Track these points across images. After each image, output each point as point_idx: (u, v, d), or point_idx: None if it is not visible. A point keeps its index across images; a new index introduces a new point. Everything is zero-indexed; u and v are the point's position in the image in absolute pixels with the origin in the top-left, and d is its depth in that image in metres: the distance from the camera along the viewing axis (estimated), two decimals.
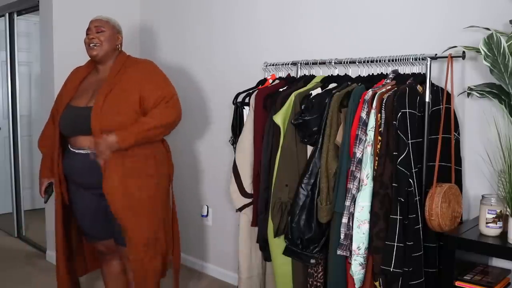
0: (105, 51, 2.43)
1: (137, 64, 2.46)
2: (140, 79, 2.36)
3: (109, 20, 2.49)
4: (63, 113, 2.40)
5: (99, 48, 2.42)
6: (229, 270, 3.30)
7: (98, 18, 2.48)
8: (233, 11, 3.15)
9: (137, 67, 2.43)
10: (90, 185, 2.36)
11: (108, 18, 2.49)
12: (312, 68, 2.65)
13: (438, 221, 1.91)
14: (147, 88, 2.34)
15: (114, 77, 2.38)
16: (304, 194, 2.18)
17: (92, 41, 2.42)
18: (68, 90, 2.49)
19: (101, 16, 2.51)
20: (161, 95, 2.35)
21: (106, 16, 2.51)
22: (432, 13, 2.24)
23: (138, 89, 2.33)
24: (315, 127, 2.20)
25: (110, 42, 2.44)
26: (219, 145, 3.27)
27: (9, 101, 4.28)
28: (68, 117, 2.38)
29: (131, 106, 2.31)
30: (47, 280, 3.35)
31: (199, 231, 3.49)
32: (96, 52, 2.42)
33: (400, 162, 1.92)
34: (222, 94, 3.22)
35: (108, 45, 2.43)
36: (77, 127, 2.34)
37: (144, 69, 2.44)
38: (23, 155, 4.39)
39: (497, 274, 1.93)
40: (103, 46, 2.42)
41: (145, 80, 2.37)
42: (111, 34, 2.45)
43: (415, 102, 2.00)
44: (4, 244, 4.12)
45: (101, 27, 2.43)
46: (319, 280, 2.26)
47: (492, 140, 2.03)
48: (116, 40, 2.48)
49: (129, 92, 2.32)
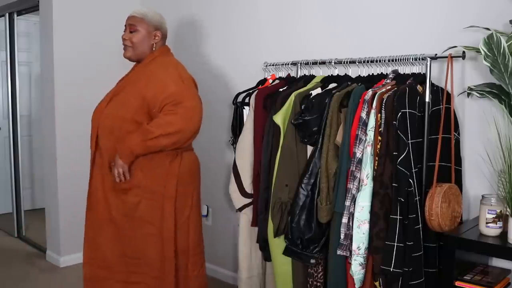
0: (137, 53, 2.29)
1: (156, 64, 2.29)
2: (149, 76, 2.22)
3: (145, 17, 2.28)
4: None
5: (131, 50, 2.28)
6: (229, 270, 3.30)
7: (133, 15, 2.29)
8: (233, 11, 3.15)
9: (153, 67, 2.27)
10: None
11: (144, 14, 2.29)
12: (312, 68, 2.65)
13: (438, 221, 1.91)
14: (151, 86, 2.18)
15: (134, 76, 2.26)
16: (304, 194, 2.18)
17: (124, 42, 2.28)
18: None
19: (138, 11, 2.31)
20: (167, 97, 2.15)
21: (142, 11, 2.31)
22: (432, 13, 2.24)
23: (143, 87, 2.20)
24: (315, 127, 2.20)
25: (144, 42, 2.28)
26: (219, 145, 3.27)
27: (9, 101, 4.28)
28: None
29: (135, 102, 2.18)
30: (47, 280, 3.35)
31: None
32: (128, 54, 2.30)
33: (400, 162, 1.92)
34: (222, 94, 3.22)
35: (141, 46, 2.27)
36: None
37: (158, 68, 2.26)
38: (23, 155, 4.39)
39: (497, 274, 1.93)
40: (135, 48, 2.28)
41: (154, 77, 2.21)
42: (146, 34, 2.28)
43: (415, 102, 2.00)
44: (4, 244, 4.12)
45: (134, 25, 2.26)
46: (319, 280, 2.26)
47: (492, 140, 2.03)
48: (152, 38, 2.29)
49: (136, 90, 2.21)
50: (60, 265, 3.57)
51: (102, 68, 3.59)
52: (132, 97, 2.21)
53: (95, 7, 3.63)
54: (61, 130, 3.50)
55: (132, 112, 2.19)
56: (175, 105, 2.15)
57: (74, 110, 3.52)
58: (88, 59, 3.61)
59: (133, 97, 2.21)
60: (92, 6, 3.61)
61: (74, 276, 3.40)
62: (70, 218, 3.56)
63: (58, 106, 3.48)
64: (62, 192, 3.53)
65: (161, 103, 2.15)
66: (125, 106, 2.22)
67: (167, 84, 2.19)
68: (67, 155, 3.53)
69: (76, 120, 3.51)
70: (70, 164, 3.54)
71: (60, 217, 3.55)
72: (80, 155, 3.48)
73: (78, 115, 3.51)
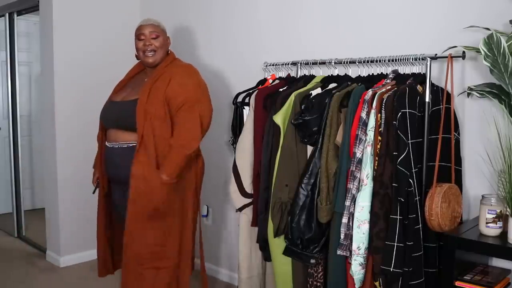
0: (160, 58, 2.44)
1: (177, 68, 2.45)
2: (169, 81, 2.35)
3: (160, 24, 2.47)
4: (104, 107, 2.50)
5: (156, 55, 2.43)
6: (229, 270, 3.30)
7: (151, 23, 2.44)
8: (233, 11, 3.15)
9: (176, 70, 2.42)
10: (118, 180, 2.43)
11: (158, 22, 2.48)
12: (312, 68, 2.65)
13: (438, 221, 1.91)
14: (175, 87, 2.33)
15: (157, 79, 2.37)
16: (304, 194, 2.18)
17: (149, 48, 2.40)
18: (116, 86, 2.57)
19: (151, 20, 2.47)
20: (182, 101, 2.31)
21: (155, 20, 2.49)
22: (432, 13, 2.24)
23: (165, 90, 2.33)
24: (315, 127, 2.20)
25: (164, 47, 2.46)
26: (219, 145, 3.27)
27: (9, 101, 4.28)
28: (105, 111, 2.49)
29: (161, 104, 2.31)
30: (47, 280, 3.35)
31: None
32: (153, 59, 2.43)
33: (400, 162, 1.92)
34: (222, 94, 3.22)
35: (163, 51, 2.45)
36: (109, 120, 2.44)
37: (177, 73, 2.41)
38: (23, 155, 4.39)
39: (497, 274, 1.93)
40: (159, 53, 2.43)
41: (174, 82, 2.35)
42: (164, 39, 2.47)
43: (415, 102, 2.00)
44: (4, 244, 4.12)
45: (155, 32, 2.41)
46: (319, 280, 2.26)
47: (492, 140, 2.03)
48: (168, 44, 2.50)
49: (160, 92, 2.33)
50: (60, 265, 3.57)
51: (102, 68, 3.60)
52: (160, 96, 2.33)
53: (95, 7, 3.63)
54: (61, 130, 3.51)
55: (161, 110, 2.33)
56: (190, 111, 2.32)
57: (74, 110, 3.52)
58: (88, 59, 3.61)
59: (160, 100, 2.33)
60: (92, 6, 3.61)
61: (74, 276, 3.40)
62: (70, 218, 3.56)
63: (58, 106, 3.48)
64: (62, 192, 3.53)
65: (179, 104, 2.31)
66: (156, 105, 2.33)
67: (188, 89, 2.36)
68: (67, 155, 3.53)
69: (76, 120, 3.52)
70: (70, 164, 3.54)
71: (60, 217, 3.55)
72: (80, 155, 3.49)
73: (78, 115, 3.52)
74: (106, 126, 2.48)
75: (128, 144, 2.35)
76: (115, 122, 2.40)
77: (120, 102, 2.44)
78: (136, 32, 2.45)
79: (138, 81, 2.52)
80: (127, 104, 2.39)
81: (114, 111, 2.44)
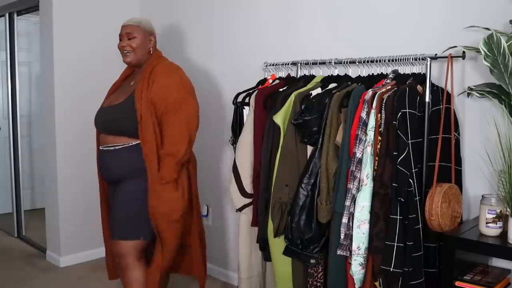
0: (137, 57, 2.48)
1: (160, 68, 2.45)
2: (152, 83, 2.37)
3: (140, 24, 2.49)
4: (97, 112, 2.54)
5: (132, 55, 2.47)
6: (229, 270, 3.30)
7: (129, 24, 2.49)
8: (233, 11, 3.15)
9: (159, 71, 2.43)
10: (110, 181, 2.49)
11: (138, 22, 2.50)
12: (312, 68, 2.65)
13: (438, 221, 1.91)
14: (158, 90, 2.35)
15: (142, 81, 2.39)
16: (304, 194, 2.18)
17: (124, 49, 2.46)
18: (109, 90, 2.62)
19: (132, 19, 2.51)
20: (167, 105, 2.33)
21: (137, 19, 2.52)
22: (432, 13, 2.24)
23: (149, 93, 2.35)
24: (315, 127, 2.20)
25: (142, 47, 2.48)
26: (219, 145, 3.27)
27: (9, 101, 4.28)
28: (96, 116, 2.52)
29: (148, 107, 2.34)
30: (47, 280, 3.35)
31: None
32: (129, 59, 2.48)
33: (400, 162, 1.92)
34: (222, 94, 3.22)
35: (140, 50, 2.47)
36: (98, 124, 2.49)
37: (160, 74, 2.42)
38: (23, 155, 4.39)
39: (497, 274, 1.93)
40: (135, 53, 2.47)
41: (156, 84, 2.37)
42: (143, 39, 2.48)
43: (415, 102, 2.00)
44: (4, 244, 4.12)
45: (132, 33, 2.46)
46: (319, 280, 2.26)
47: (492, 140, 2.02)
48: (148, 43, 2.50)
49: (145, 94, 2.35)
50: (60, 265, 3.57)
51: (102, 68, 3.59)
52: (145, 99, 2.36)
53: (95, 7, 3.63)
54: (61, 130, 3.51)
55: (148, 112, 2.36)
56: (175, 113, 2.34)
57: (74, 110, 3.52)
58: (88, 59, 3.61)
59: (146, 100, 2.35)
60: (92, 6, 3.61)
61: (74, 276, 3.40)
62: (70, 218, 3.56)
63: (58, 106, 3.48)
64: (62, 192, 3.53)
65: (164, 108, 2.34)
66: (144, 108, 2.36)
67: (171, 90, 2.37)
68: (67, 155, 3.53)
69: (76, 120, 3.52)
70: (70, 164, 3.54)
71: (60, 217, 3.55)
72: (80, 155, 3.49)
73: (78, 115, 3.52)
74: (98, 130, 2.53)
75: (115, 147, 2.38)
76: (104, 127, 2.45)
77: (106, 107, 2.49)
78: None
79: (125, 84, 2.57)
80: (112, 109, 2.44)
81: (102, 116, 2.48)
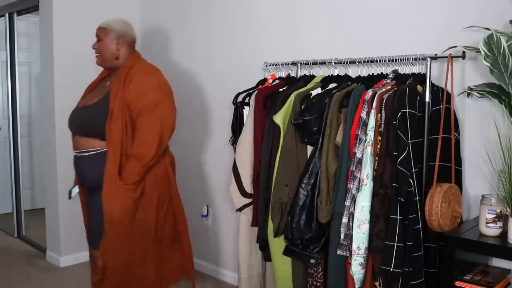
0: (104, 60, 2.46)
1: (137, 69, 2.38)
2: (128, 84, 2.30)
3: (108, 26, 2.45)
4: (71, 112, 2.48)
5: (99, 57, 2.47)
6: (229, 270, 3.30)
7: (99, 26, 2.47)
8: (233, 10, 3.15)
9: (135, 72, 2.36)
10: (86, 187, 2.42)
11: (107, 24, 2.46)
12: (312, 68, 2.65)
13: (438, 221, 1.91)
14: (133, 91, 2.28)
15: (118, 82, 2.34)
16: (304, 194, 2.18)
17: (94, 51, 2.48)
18: (85, 91, 2.58)
19: (104, 21, 2.49)
20: (141, 106, 2.26)
21: (107, 21, 2.48)
22: (432, 13, 2.24)
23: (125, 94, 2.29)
24: (315, 127, 2.20)
25: (108, 49, 2.44)
26: (219, 145, 3.27)
27: (9, 101, 4.28)
28: (71, 116, 2.47)
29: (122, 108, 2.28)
30: (47, 280, 3.35)
31: (199, 231, 3.49)
32: (98, 61, 2.49)
33: (400, 162, 1.92)
34: (222, 94, 3.22)
35: (105, 52, 2.44)
36: (73, 126, 2.43)
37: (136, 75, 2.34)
38: (23, 155, 4.39)
39: (497, 274, 1.93)
40: (102, 55, 2.45)
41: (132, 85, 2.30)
42: (109, 41, 2.43)
43: (415, 102, 2.00)
44: (4, 244, 4.12)
45: (99, 35, 2.45)
46: (319, 280, 2.26)
47: (492, 140, 2.02)
48: (114, 45, 2.44)
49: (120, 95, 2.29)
50: (60, 265, 3.57)
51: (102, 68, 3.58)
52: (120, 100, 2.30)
53: (95, 7, 3.63)
54: (61, 130, 3.50)
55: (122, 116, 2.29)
56: (149, 114, 2.27)
57: None
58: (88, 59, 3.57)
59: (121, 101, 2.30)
60: (92, 6, 3.61)
61: (74, 276, 3.40)
62: (70, 218, 3.55)
63: (58, 106, 3.48)
64: (62, 192, 3.53)
65: (139, 110, 2.27)
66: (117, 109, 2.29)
67: (147, 91, 2.30)
68: (67, 155, 3.51)
69: None
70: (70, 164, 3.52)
71: (60, 217, 3.55)
72: None
73: None
74: (72, 132, 2.43)
75: (89, 152, 2.31)
76: (77, 128, 2.38)
77: (81, 107, 2.42)
78: None
79: (101, 85, 2.52)
80: (86, 109, 2.37)
81: (76, 117, 2.42)
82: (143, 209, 2.32)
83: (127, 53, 2.47)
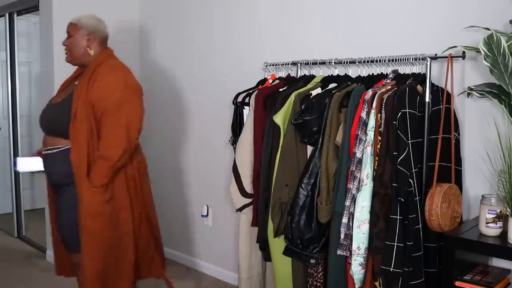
0: (74, 57, 2.39)
1: (105, 67, 2.32)
2: (94, 82, 2.25)
3: (78, 22, 2.38)
4: (42, 110, 2.42)
5: (69, 53, 2.40)
6: (229, 270, 3.30)
7: (69, 22, 2.40)
8: (233, 11, 3.15)
9: (102, 70, 2.30)
10: (52, 185, 2.38)
11: (77, 20, 2.40)
12: (312, 68, 2.65)
13: (438, 221, 1.91)
14: (98, 90, 2.22)
15: (84, 80, 2.29)
16: (304, 194, 2.18)
17: (64, 48, 2.41)
18: (59, 88, 2.52)
19: (73, 18, 2.42)
20: (106, 105, 2.19)
21: (77, 17, 2.42)
22: (432, 13, 2.24)
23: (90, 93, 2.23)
24: (315, 127, 2.20)
25: (77, 46, 2.36)
26: (219, 145, 3.27)
27: (9, 101, 4.28)
28: (41, 114, 2.41)
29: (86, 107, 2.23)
30: (47, 280, 3.35)
31: (199, 231, 3.49)
32: (68, 59, 2.42)
33: (400, 162, 1.92)
34: (222, 94, 3.22)
35: (76, 50, 2.37)
36: (41, 123, 2.38)
37: (103, 73, 2.28)
38: (23, 155, 4.38)
39: (497, 274, 1.93)
40: (71, 52, 2.38)
41: (97, 84, 2.24)
42: (78, 38, 2.36)
43: (415, 102, 2.00)
44: (4, 244, 4.12)
45: (69, 31, 2.39)
46: (319, 280, 2.26)
47: (492, 140, 2.02)
48: (84, 41, 2.36)
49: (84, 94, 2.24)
50: None
51: None
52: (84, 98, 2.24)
53: (95, 7, 3.61)
54: None
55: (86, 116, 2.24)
56: (115, 114, 2.20)
57: None
58: None
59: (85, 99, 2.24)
60: (92, 7, 3.59)
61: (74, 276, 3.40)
62: None
63: None
64: None
65: (104, 109, 2.20)
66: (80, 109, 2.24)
67: (112, 89, 2.23)
68: None
69: None
70: None
71: None
72: None
73: None
74: (42, 130, 2.39)
75: (53, 150, 2.27)
76: (44, 126, 2.35)
77: (51, 105, 2.38)
78: None
79: (72, 83, 2.46)
80: (53, 108, 2.34)
81: (44, 115, 2.38)
82: (115, 214, 2.26)
83: (99, 50, 2.38)
